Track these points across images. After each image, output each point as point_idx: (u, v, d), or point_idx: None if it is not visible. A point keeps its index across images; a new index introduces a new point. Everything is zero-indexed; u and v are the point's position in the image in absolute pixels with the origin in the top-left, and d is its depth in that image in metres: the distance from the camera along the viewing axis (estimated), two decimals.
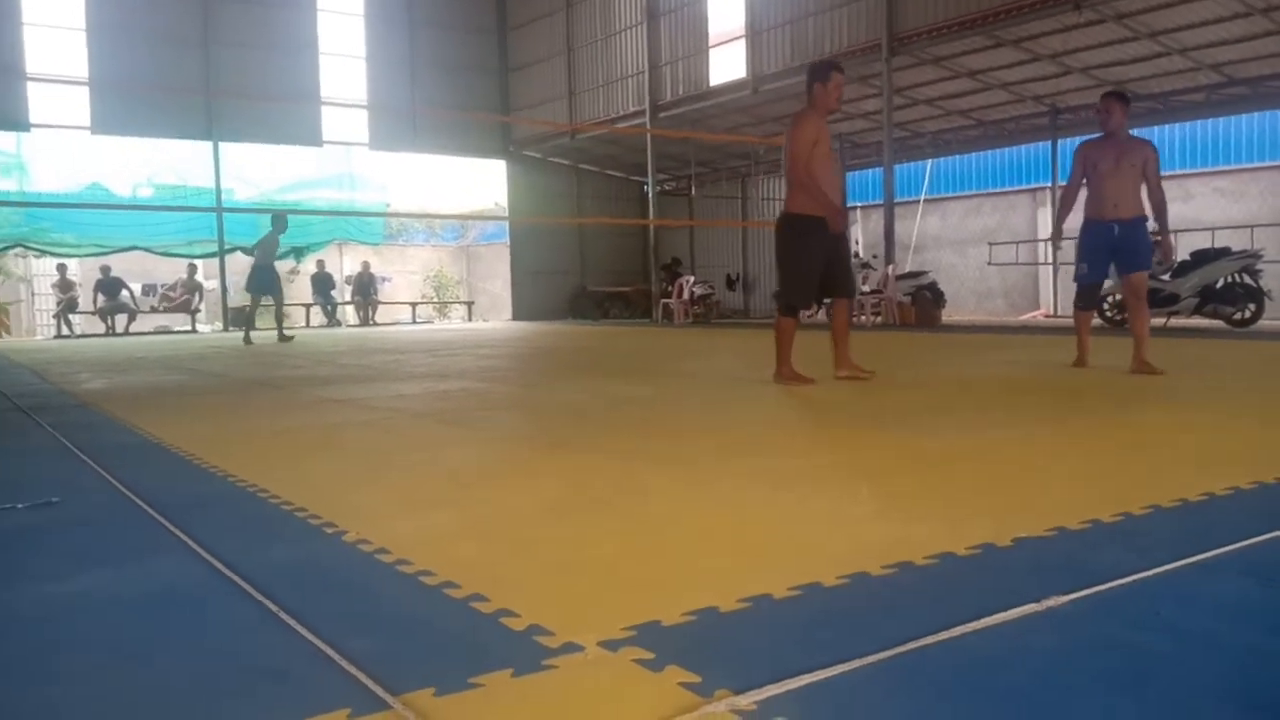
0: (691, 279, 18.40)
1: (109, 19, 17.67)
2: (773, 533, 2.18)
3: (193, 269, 19.32)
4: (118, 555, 2.11)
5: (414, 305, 23.37)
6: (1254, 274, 10.75)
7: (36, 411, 5.00)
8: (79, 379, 7.29)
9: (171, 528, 2.30)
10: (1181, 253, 11.68)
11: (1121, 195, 5.78)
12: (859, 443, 3.49)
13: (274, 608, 1.66)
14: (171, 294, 19.54)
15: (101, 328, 18.06)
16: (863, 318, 14.52)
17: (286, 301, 14.12)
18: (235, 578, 1.86)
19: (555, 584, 1.80)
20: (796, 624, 1.54)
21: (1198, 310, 11.06)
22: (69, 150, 18.29)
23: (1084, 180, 6.01)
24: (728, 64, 17.02)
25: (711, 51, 17.35)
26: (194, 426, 4.34)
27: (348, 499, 2.65)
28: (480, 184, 24.21)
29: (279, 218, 13.17)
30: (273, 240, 12.99)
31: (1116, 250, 5.91)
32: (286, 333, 13.55)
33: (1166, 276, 11.20)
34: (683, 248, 21.39)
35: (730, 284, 20.68)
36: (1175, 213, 15.29)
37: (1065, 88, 15.07)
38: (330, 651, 1.45)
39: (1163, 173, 6.00)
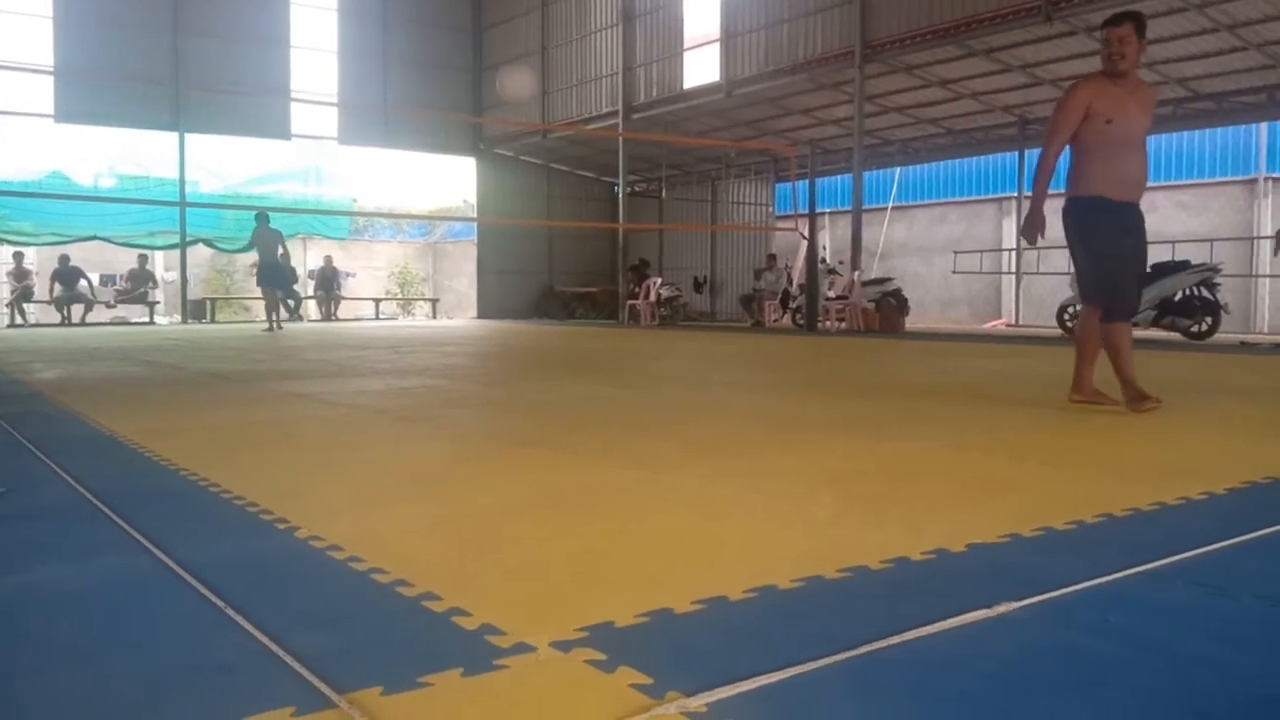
0: (659, 281, 18.41)
1: (77, 7, 17.40)
2: (731, 534, 2.18)
3: (143, 259, 18.73)
4: (65, 549, 2.07)
5: (377, 301, 23.18)
6: (1212, 287, 10.92)
7: None
8: (32, 369, 7.15)
9: (121, 522, 2.26)
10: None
11: (1141, 166, 4.33)
12: (822, 447, 3.50)
13: (221, 604, 1.63)
14: (124, 286, 19.09)
15: (57, 318, 17.74)
16: (827, 323, 14.61)
17: (248, 295, 15.62)
18: (184, 573, 1.82)
19: (510, 583, 1.78)
20: (750, 626, 1.54)
21: (1155, 322, 11.22)
22: (30, 137, 17.96)
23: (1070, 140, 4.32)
24: (702, 67, 17.07)
25: (686, 54, 17.39)
26: (148, 419, 4.27)
27: (302, 494, 2.62)
28: (450, 181, 24.12)
29: (262, 215, 14.03)
30: (264, 234, 13.78)
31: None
32: (278, 323, 14.16)
33: None
34: (651, 249, 21.42)
35: (697, 286, 20.73)
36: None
37: (1035, 99, 15.25)
38: (277, 649, 1.42)
39: None
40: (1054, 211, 4.28)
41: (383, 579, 1.76)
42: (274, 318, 14.11)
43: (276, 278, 14.08)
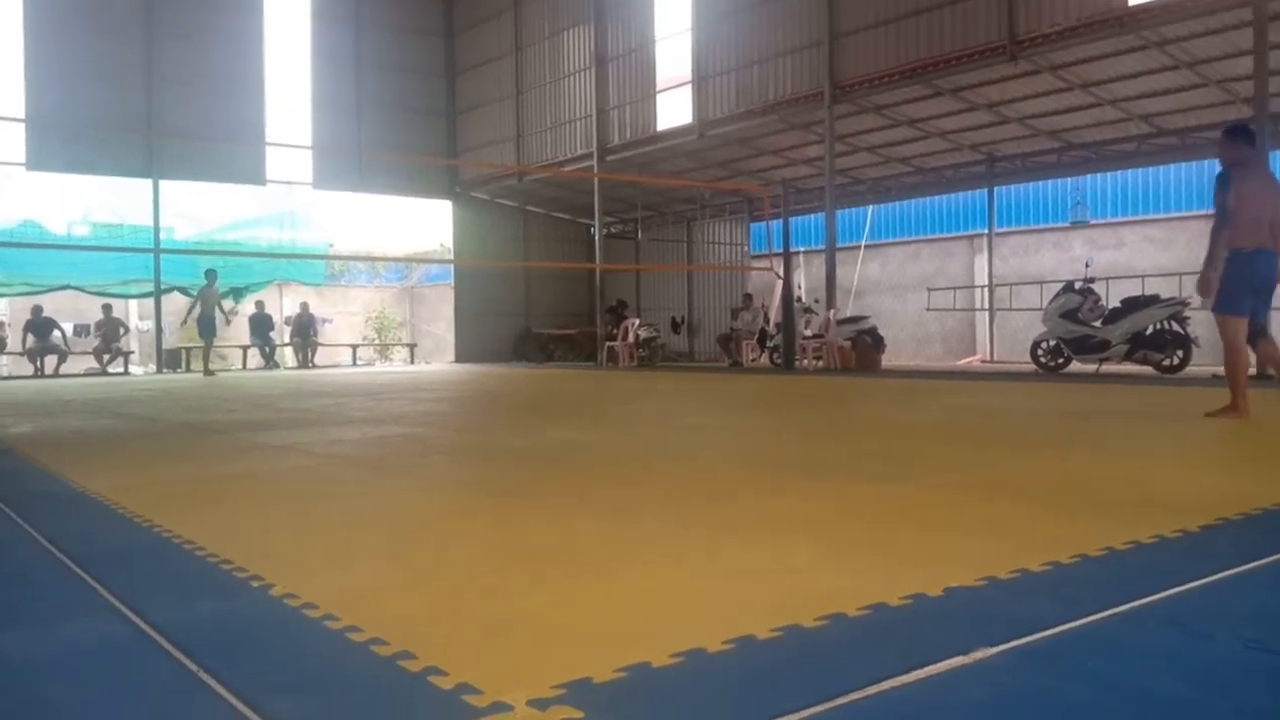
0: (636, 322, 18.46)
1: (48, 55, 17.39)
2: (709, 583, 2.17)
3: (107, 309, 18.42)
4: (36, 611, 2.04)
5: (354, 347, 23.08)
6: (1182, 321, 11.06)
7: None
8: (4, 423, 7.07)
9: (93, 583, 2.23)
10: (1113, 300, 12.03)
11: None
12: (799, 490, 3.50)
13: (195, 667, 1.61)
14: (98, 344, 18.68)
15: (30, 369, 17.52)
16: (804, 362, 14.68)
17: (225, 343, 17.26)
18: (156, 635, 1.80)
19: (486, 639, 1.77)
20: (728, 678, 1.53)
21: (1128, 356, 11.34)
22: (1, 186, 17.84)
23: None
24: (675, 109, 17.26)
25: (659, 96, 17.59)
26: (121, 474, 4.22)
27: (276, 550, 2.59)
28: (426, 224, 24.14)
29: (211, 272, 16.21)
30: (209, 291, 15.94)
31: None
32: (212, 370, 16.31)
33: (1098, 323, 11.49)
34: (629, 290, 21.49)
35: (675, 327, 20.79)
36: (1108, 259, 15.76)
37: (1001, 136, 15.51)
38: (249, 713, 1.41)
39: (1097, 220, 5.78)
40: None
41: (358, 637, 1.75)
42: (208, 365, 16.50)
43: (213, 328, 16.29)
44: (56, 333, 17.82)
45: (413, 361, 23.07)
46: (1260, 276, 5.56)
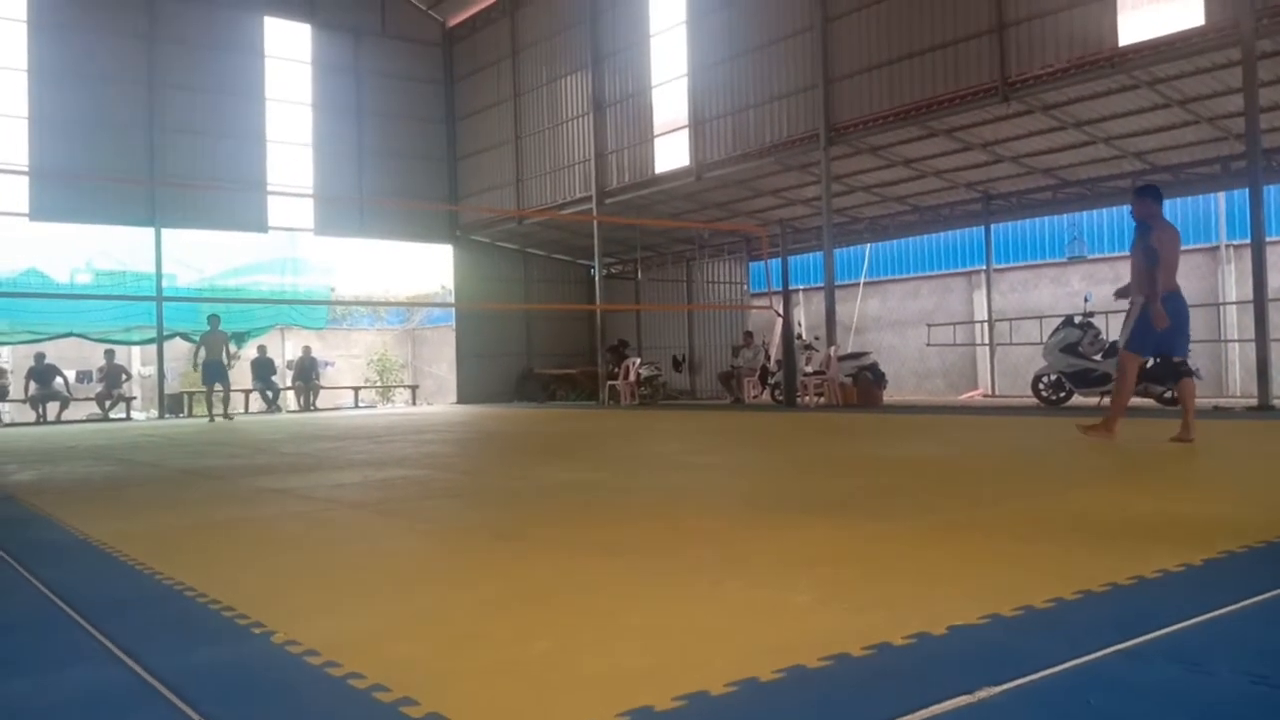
0: (638, 360, 18.48)
1: (53, 107, 17.56)
2: (712, 625, 2.16)
3: (109, 354, 18.53)
4: (36, 661, 2.04)
5: (356, 390, 23.10)
6: None
7: None
8: (5, 471, 7.06)
9: (94, 631, 2.22)
10: (1113, 333, 12.05)
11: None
12: (801, 528, 3.50)
13: (195, 715, 1.61)
14: (100, 389, 18.68)
15: (32, 416, 17.53)
16: (806, 399, 14.67)
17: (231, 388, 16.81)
18: (157, 684, 1.80)
19: (489, 685, 1.76)
20: None
21: None
22: (5, 235, 17.96)
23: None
24: (672, 152, 17.41)
25: (656, 140, 17.75)
26: (123, 521, 4.22)
27: (278, 596, 2.59)
28: (427, 267, 24.29)
29: (214, 318, 16.10)
30: (213, 337, 15.80)
31: None
32: (230, 414, 16.24)
33: (1099, 357, 11.50)
34: (629, 329, 21.54)
35: (677, 365, 20.81)
36: (1107, 294, 15.75)
37: (997, 175, 15.62)
38: None
39: (1094, 255, 6.43)
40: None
41: (360, 684, 1.74)
42: (213, 411, 16.47)
43: (217, 374, 15.95)
44: (59, 379, 17.86)
45: (415, 403, 23.08)
46: (1178, 317, 6.18)
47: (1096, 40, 11.44)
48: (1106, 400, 11.82)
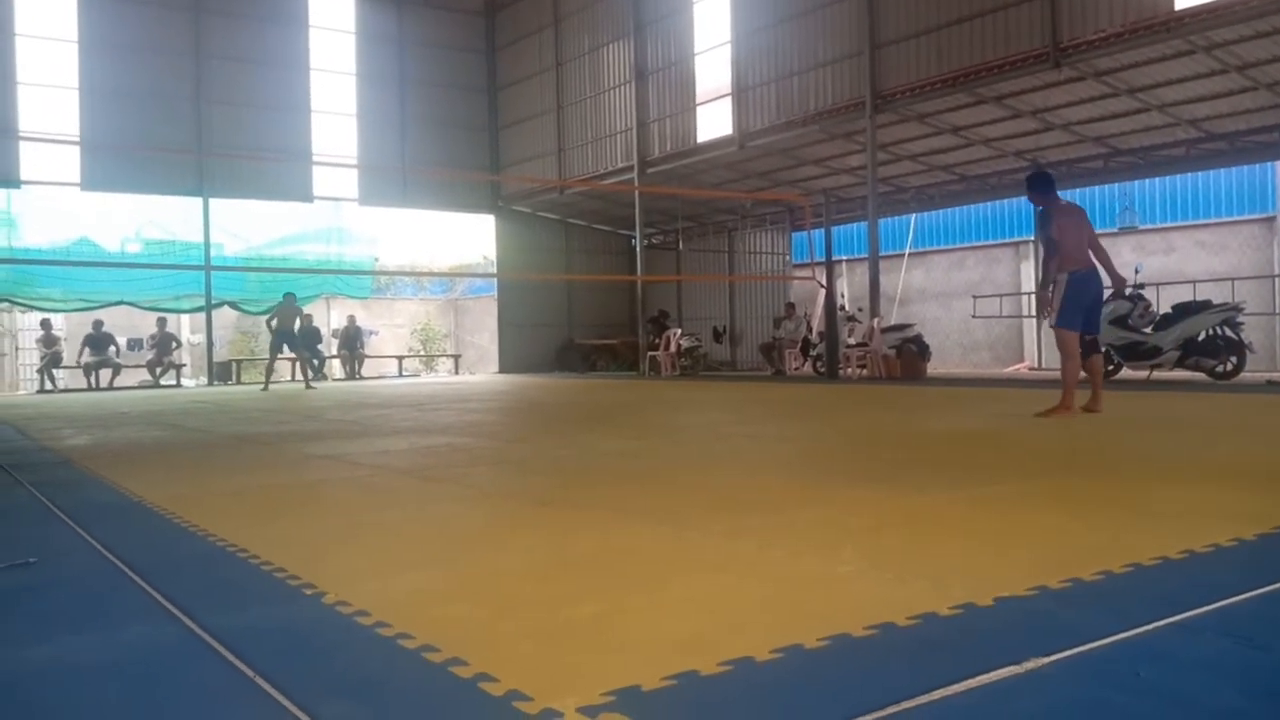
0: (679, 331, 18.46)
1: (102, 79, 17.84)
2: (756, 592, 2.17)
3: (162, 322, 18.96)
4: (93, 618, 2.09)
5: (400, 359, 23.33)
6: (1235, 326, 10.84)
7: (17, 469, 4.96)
8: (61, 435, 7.24)
9: (149, 589, 2.28)
10: (1164, 306, 11.82)
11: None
12: (845, 499, 3.49)
13: (251, 672, 1.65)
14: (151, 355, 19.09)
15: (85, 382, 17.94)
16: (848, 370, 14.57)
17: (281, 356, 16.84)
18: (211, 640, 1.84)
19: (535, 647, 1.79)
20: (778, 687, 1.53)
21: (1180, 363, 11.12)
22: (58, 206, 18.32)
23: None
24: (715, 121, 17.26)
25: (699, 109, 17.61)
26: (175, 484, 4.31)
27: (329, 559, 2.63)
28: (469, 237, 24.36)
29: (289, 295, 16.22)
30: (287, 309, 15.90)
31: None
32: (311, 384, 16.42)
33: (1149, 329, 11.29)
34: (670, 300, 21.50)
35: (717, 336, 20.75)
36: (1158, 265, 15.53)
37: (1046, 143, 15.31)
38: (303, 716, 1.43)
39: (1146, 225, 6.52)
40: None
41: (410, 644, 1.77)
42: (305, 377, 16.67)
43: (289, 342, 16.17)
44: (112, 347, 18.25)
45: (457, 372, 23.27)
46: (1090, 296, 6.55)
47: (1152, 4, 11.13)
48: (1155, 374, 11.62)
